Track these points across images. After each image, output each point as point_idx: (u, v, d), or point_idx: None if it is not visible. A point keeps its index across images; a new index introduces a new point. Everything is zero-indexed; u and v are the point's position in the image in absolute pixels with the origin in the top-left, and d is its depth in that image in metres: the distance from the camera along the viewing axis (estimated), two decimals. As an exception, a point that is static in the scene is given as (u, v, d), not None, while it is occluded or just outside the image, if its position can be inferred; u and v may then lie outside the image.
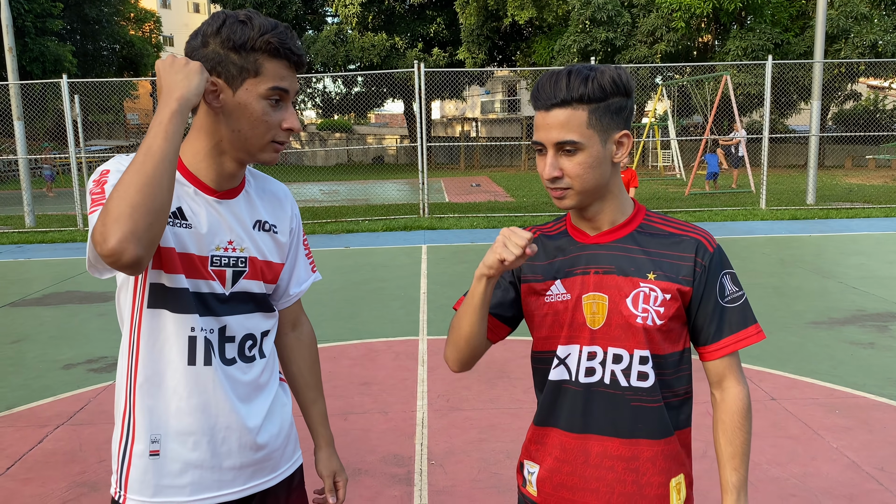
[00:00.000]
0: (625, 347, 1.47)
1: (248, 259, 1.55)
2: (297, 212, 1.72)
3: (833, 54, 25.02)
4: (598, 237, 1.52)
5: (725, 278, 1.50)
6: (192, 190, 1.50)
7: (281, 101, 1.45)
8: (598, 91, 1.40)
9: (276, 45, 1.40)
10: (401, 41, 34.17)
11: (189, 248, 1.47)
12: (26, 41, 29.45)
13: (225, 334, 1.53)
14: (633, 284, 1.47)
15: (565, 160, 1.43)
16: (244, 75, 1.41)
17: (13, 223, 14.84)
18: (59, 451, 4.01)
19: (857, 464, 3.63)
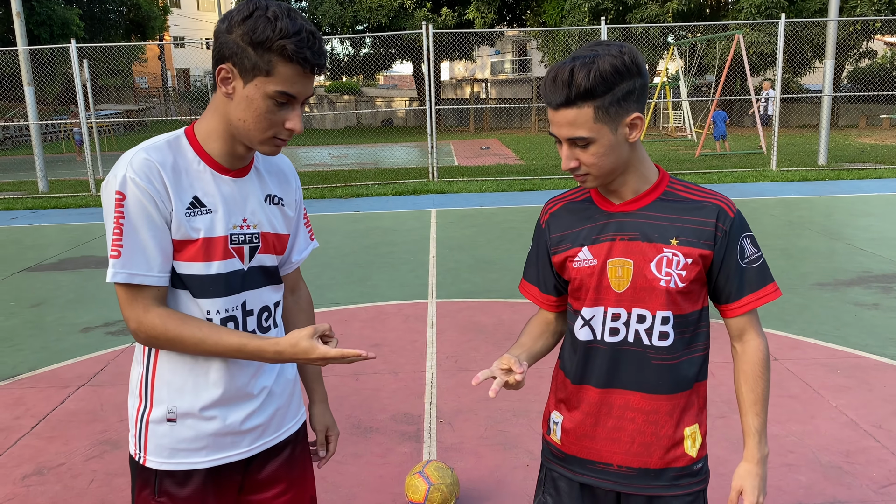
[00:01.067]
0: (648, 308, 1.58)
1: (261, 234, 1.62)
2: (299, 184, 1.81)
3: (849, 11, 24.54)
4: (623, 205, 1.60)
5: (745, 241, 1.58)
6: (207, 170, 1.56)
7: (287, 104, 1.48)
8: (601, 85, 1.44)
9: (290, 52, 1.42)
10: (409, 1, 33.73)
11: (213, 231, 1.54)
12: (33, 5, 29.30)
13: (245, 308, 1.61)
14: (656, 250, 1.56)
15: (579, 151, 1.51)
16: (256, 72, 1.44)
17: (27, 188, 14.98)
18: (82, 411, 4.16)
19: (855, 421, 3.72)
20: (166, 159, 1.51)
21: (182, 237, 1.51)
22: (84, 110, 13.89)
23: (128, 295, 1.50)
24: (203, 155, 1.56)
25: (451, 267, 7.27)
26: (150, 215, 1.47)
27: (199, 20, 51.97)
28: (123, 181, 1.47)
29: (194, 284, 1.55)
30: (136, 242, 1.47)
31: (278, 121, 1.48)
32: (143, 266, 1.48)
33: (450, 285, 6.59)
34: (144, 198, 1.46)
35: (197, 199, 1.53)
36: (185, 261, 1.53)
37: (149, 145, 1.53)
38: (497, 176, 14.63)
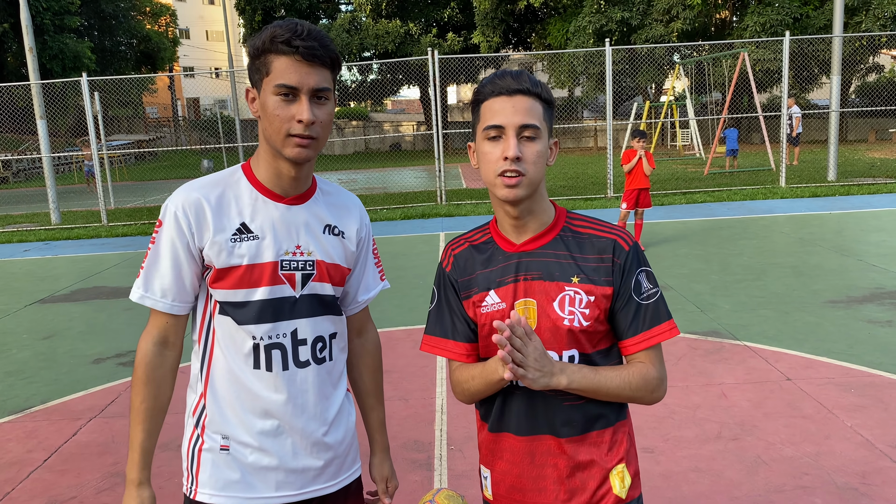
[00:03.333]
0: (554, 349, 1.52)
1: (316, 262, 1.62)
2: (368, 222, 1.79)
3: (854, 27, 24.58)
4: (524, 244, 1.57)
5: (641, 275, 1.54)
6: (259, 197, 1.60)
7: (293, 97, 1.49)
8: (547, 95, 1.52)
9: (278, 42, 1.46)
10: (415, 27, 34.05)
11: (259, 257, 1.57)
12: (45, 39, 29.81)
13: (297, 337, 1.61)
14: (558, 288, 1.52)
15: (524, 146, 1.48)
16: (261, 77, 1.51)
17: (39, 220, 15.13)
18: (93, 443, 4.16)
19: (870, 442, 3.67)
20: (214, 192, 1.58)
21: (224, 265, 1.55)
22: (95, 141, 14.06)
23: (150, 313, 1.62)
24: (255, 183, 1.61)
25: (460, 291, 7.27)
26: (175, 247, 1.56)
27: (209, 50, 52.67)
28: (165, 210, 1.58)
29: (237, 311, 1.57)
30: (156, 268, 1.58)
31: (287, 115, 1.49)
32: (156, 291, 1.58)
33: (459, 309, 6.58)
34: (176, 230, 1.55)
35: (244, 226, 1.57)
36: (228, 288, 1.56)
37: (201, 181, 1.61)
38: (505, 198, 14.62)
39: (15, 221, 15.22)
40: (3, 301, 7.99)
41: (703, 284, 7.08)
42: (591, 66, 26.65)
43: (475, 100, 1.54)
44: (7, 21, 29.90)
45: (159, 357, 1.60)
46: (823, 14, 25.22)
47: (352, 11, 35.81)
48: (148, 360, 1.59)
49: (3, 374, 5.50)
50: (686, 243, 9.27)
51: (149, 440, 1.59)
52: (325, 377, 1.66)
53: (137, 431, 1.58)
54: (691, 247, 9.01)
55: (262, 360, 1.59)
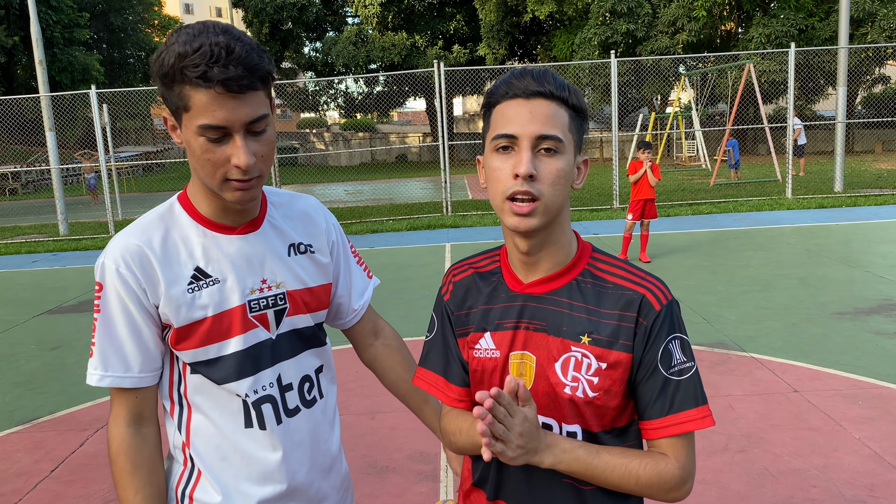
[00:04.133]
0: (553, 417, 1.25)
1: (287, 294, 1.42)
2: (334, 221, 1.58)
3: (859, 38, 24.61)
4: (532, 285, 1.28)
5: (673, 343, 1.22)
6: (207, 234, 1.37)
7: (225, 137, 1.23)
8: (576, 100, 1.21)
9: (192, 76, 1.17)
10: (421, 39, 34.25)
11: (225, 303, 1.36)
12: (55, 52, 30.09)
13: (282, 383, 1.42)
14: (563, 347, 1.23)
15: (542, 161, 1.18)
16: (179, 111, 1.23)
17: (48, 231, 15.22)
18: (101, 454, 4.17)
19: (878, 454, 3.66)
20: (154, 237, 1.34)
21: (186, 321, 1.33)
22: (104, 153, 14.15)
23: (111, 393, 1.38)
24: (199, 218, 1.37)
25: (466, 302, 7.27)
26: (128, 309, 1.32)
27: (216, 62, 52.97)
28: (103, 270, 1.33)
29: (213, 371, 1.37)
30: (112, 340, 1.33)
31: (220, 160, 1.24)
32: (119, 367, 1.34)
33: (465, 321, 6.58)
34: (123, 289, 1.31)
35: (200, 271, 1.35)
36: (195, 347, 1.35)
37: (136, 225, 1.37)
38: (511, 209, 14.63)
39: (24, 232, 15.31)
40: (12, 312, 8.03)
41: (710, 296, 7.07)
42: (597, 77, 26.73)
43: (486, 102, 1.24)
44: (17, 34, 30.20)
45: (138, 438, 1.36)
46: (829, 25, 25.27)
47: (358, 24, 36.05)
48: (127, 446, 1.35)
49: (12, 385, 5.53)
50: (692, 254, 9.26)
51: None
52: (319, 419, 1.49)
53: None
54: (698, 258, 9.01)
55: (253, 417, 1.39)
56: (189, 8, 60.33)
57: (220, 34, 1.19)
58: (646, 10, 26.70)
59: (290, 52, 37.76)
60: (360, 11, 34.11)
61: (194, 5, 61.33)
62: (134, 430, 1.37)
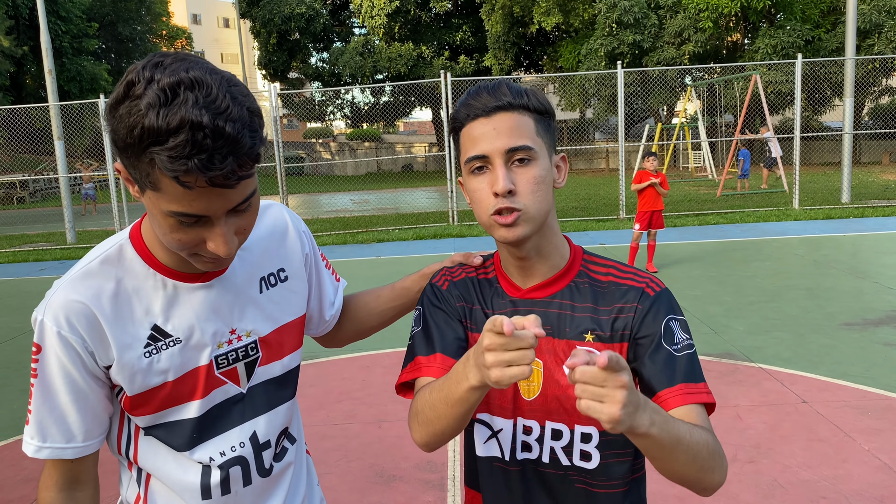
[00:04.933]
0: (564, 422, 1.25)
1: (258, 342, 1.25)
2: (304, 228, 1.40)
3: (866, 49, 24.62)
4: (531, 291, 1.28)
5: (674, 323, 1.24)
6: (167, 283, 1.17)
7: (200, 221, 1.03)
8: (538, 103, 1.22)
9: (167, 168, 0.93)
10: (427, 50, 34.41)
11: (187, 365, 1.18)
12: (64, 61, 30.32)
13: (258, 441, 1.26)
14: (569, 348, 1.24)
15: (517, 173, 1.18)
16: (143, 184, 1.00)
17: (55, 240, 15.28)
18: (107, 461, 4.16)
19: (888, 465, 3.63)
20: (103, 291, 1.14)
21: (141, 388, 1.15)
22: (112, 162, 14.23)
23: (44, 469, 1.22)
24: (155, 265, 1.17)
25: (472, 311, 7.27)
26: (70, 376, 1.13)
27: (224, 72, 53.25)
28: (42, 329, 1.12)
29: (171, 436, 1.20)
30: (52, 409, 1.15)
31: (192, 241, 1.05)
32: (59, 437, 1.16)
33: (472, 330, 6.57)
34: (65, 354, 1.12)
35: (158, 330, 1.16)
36: (151, 413, 1.18)
37: (80, 274, 1.14)
38: (517, 219, 14.65)
39: (31, 241, 15.38)
40: (20, 319, 8.06)
41: (717, 306, 7.05)
42: (603, 88, 26.78)
43: (452, 127, 1.26)
44: (27, 44, 30.45)
45: (71, 502, 1.21)
46: (836, 37, 25.30)
47: (365, 34, 36.24)
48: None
49: (19, 392, 5.54)
50: (699, 265, 9.24)
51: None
52: (291, 470, 1.36)
53: None
54: (705, 268, 8.98)
55: (214, 486, 1.23)
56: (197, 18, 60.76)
57: (203, 107, 0.93)
58: (652, 20, 26.77)
59: (297, 63, 37.96)
60: (366, 22, 34.31)
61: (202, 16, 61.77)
62: (66, 494, 1.21)
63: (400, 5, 33.39)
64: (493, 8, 30.91)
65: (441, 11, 36.30)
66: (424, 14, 36.63)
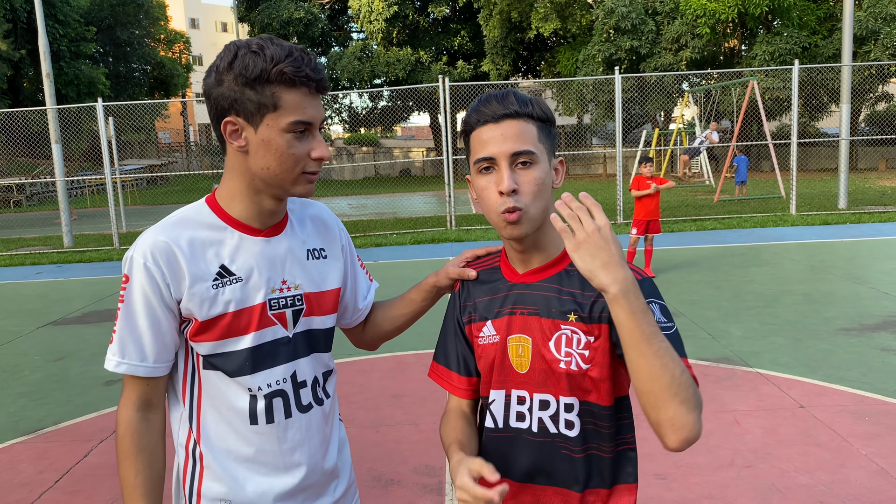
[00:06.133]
0: (550, 393, 1.39)
1: (304, 295, 1.50)
2: (343, 227, 1.68)
3: (863, 56, 24.70)
4: (526, 275, 1.44)
5: (653, 305, 1.31)
6: (235, 235, 1.44)
7: (306, 132, 1.37)
8: (540, 112, 1.37)
9: (291, 75, 1.32)
10: (425, 55, 34.46)
11: (246, 301, 1.43)
12: (61, 65, 30.30)
13: (297, 380, 1.49)
14: (554, 326, 1.37)
15: (520, 174, 1.34)
16: (263, 111, 1.33)
17: (52, 243, 15.25)
18: (104, 465, 4.17)
19: (886, 470, 3.64)
20: (182, 235, 1.40)
21: (208, 315, 1.40)
22: (109, 165, 14.22)
23: (124, 379, 1.45)
24: (228, 219, 1.45)
25: (470, 316, 7.27)
26: (150, 302, 1.38)
27: (222, 77, 53.20)
28: (130, 263, 1.39)
29: (228, 363, 1.43)
30: (132, 330, 1.40)
31: (302, 154, 1.37)
32: (135, 355, 1.40)
33: (469, 334, 6.57)
34: (148, 283, 1.37)
35: (224, 269, 1.42)
36: (213, 340, 1.42)
37: (164, 222, 1.43)
38: (515, 224, 14.66)
39: (28, 244, 15.35)
40: (16, 323, 8.04)
41: (715, 311, 7.06)
42: (601, 93, 26.84)
43: (463, 130, 1.42)
44: (24, 47, 30.44)
45: (145, 423, 1.44)
46: (832, 43, 25.38)
47: (363, 39, 36.27)
48: (134, 429, 1.42)
49: (16, 396, 5.53)
50: (697, 270, 9.25)
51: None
52: (326, 417, 1.56)
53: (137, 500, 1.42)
54: (702, 273, 9.00)
55: (260, 413, 1.45)
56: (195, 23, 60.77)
57: (292, 45, 1.36)
58: (650, 27, 26.84)
59: (295, 67, 37.87)
60: (365, 27, 34.35)
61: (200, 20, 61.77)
62: (142, 415, 1.44)
63: (398, 10, 33.44)
64: (491, 13, 30.95)
65: (439, 16, 36.37)
66: (423, 19, 36.69)
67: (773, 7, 24.68)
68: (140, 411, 1.44)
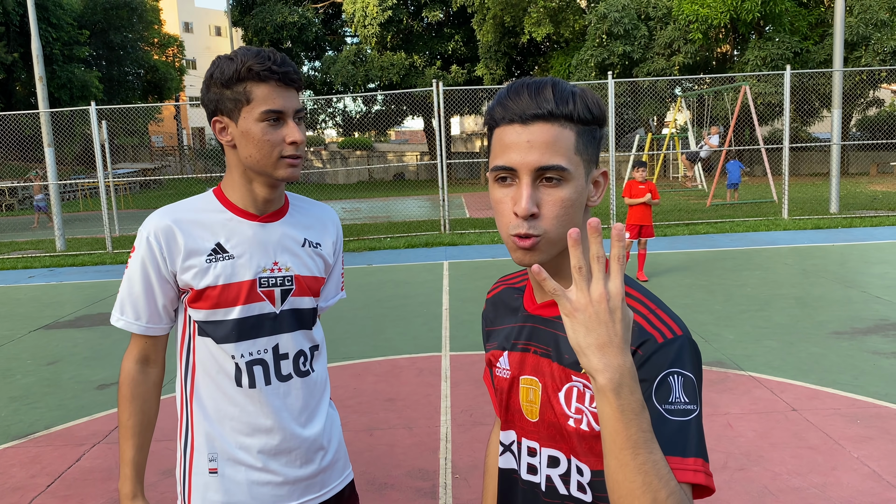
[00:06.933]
0: (561, 450, 1.16)
1: (294, 277, 1.67)
2: (341, 233, 1.85)
3: (854, 61, 24.85)
4: (543, 307, 1.20)
5: (673, 378, 1.03)
6: (233, 217, 1.64)
7: (279, 121, 1.54)
8: (585, 112, 1.08)
9: (257, 71, 1.51)
10: (419, 59, 34.47)
11: (235, 276, 1.61)
12: (54, 68, 30.18)
13: (279, 352, 1.65)
14: (565, 376, 1.13)
15: (544, 192, 1.07)
16: (239, 106, 1.54)
17: (44, 247, 15.19)
18: (97, 469, 4.15)
19: (877, 473, 3.65)
20: (186, 216, 1.62)
21: (202, 285, 1.59)
22: (102, 169, 14.17)
23: (131, 337, 1.69)
24: (229, 205, 1.65)
25: (464, 319, 7.27)
26: (147, 272, 1.61)
27: (215, 80, 53.12)
28: (139, 236, 1.62)
29: (216, 330, 1.61)
30: (130, 293, 1.64)
31: (277, 139, 1.54)
32: (131, 314, 1.64)
33: (463, 338, 6.58)
34: (148, 256, 1.60)
35: (219, 246, 1.61)
36: (206, 308, 1.60)
37: (175, 205, 1.65)
38: (509, 228, 14.67)
39: (20, 248, 15.28)
40: (8, 327, 8.01)
41: (707, 315, 7.09)
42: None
43: (486, 123, 1.14)
44: (17, 51, 30.33)
45: (142, 374, 1.67)
46: (823, 49, 25.52)
47: (357, 44, 36.28)
48: (131, 378, 1.66)
49: (8, 400, 5.50)
50: (689, 274, 9.28)
51: (139, 454, 1.65)
52: (310, 389, 1.71)
53: (128, 447, 1.65)
54: (695, 277, 9.03)
55: (244, 377, 1.63)
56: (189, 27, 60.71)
57: (270, 49, 1.55)
58: (642, 32, 26.94)
59: (288, 71, 37.82)
60: (359, 31, 34.35)
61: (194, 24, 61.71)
62: (140, 367, 1.67)
63: (393, 15, 33.46)
64: (485, 18, 31.00)
65: (433, 21, 36.42)
66: (417, 24, 36.72)
67: (764, 13, 24.81)
68: (139, 364, 1.67)
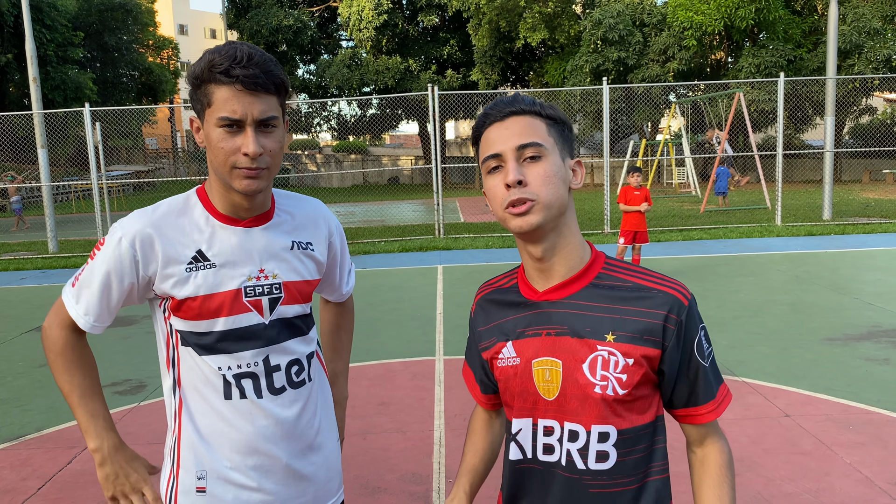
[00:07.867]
0: (581, 423, 1.28)
1: (283, 284, 1.55)
2: (336, 224, 1.75)
3: (847, 69, 25.00)
4: (548, 292, 1.32)
5: (702, 334, 1.31)
6: (216, 224, 1.52)
7: (237, 128, 1.40)
8: (550, 110, 1.31)
9: (217, 73, 1.37)
10: (415, 63, 34.53)
11: (218, 286, 1.49)
12: (48, 70, 30.11)
13: (270, 363, 1.54)
14: (589, 348, 1.27)
15: (528, 168, 1.25)
16: (204, 108, 1.42)
17: (37, 249, 15.12)
18: (88, 472, 4.12)
19: (870, 479, 3.66)
20: (166, 221, 1.51)
21: (183, 295, 1.48)
22: (95, 171, 14.13)
23: (62, 308, 1.57)
24: (211, 209, 1.53)
25: (458, 323, 7.27)
26: (108, 277, 1.50)
27: (210, 83, 53.14)
28: (112, 233, 1.52)
29: (200, 342, 1.51)
30: (87, 286, 1.53)
31: (232, 148, 1.41)
32: (82, 308, 1.54)
33: (457, 342, 6.58)
34: (114, 261, 1.49)
35: (200, 254, 1.50)
36: (188, 319, 1.50)
37: (154, 206, 1.54)
38: (503, 232, 14.72)
39: (12, 250, 15.21)
40: (0, 328, 7.97)
41: (701, 320, 7.10)
42: (588, 104, 27.00)
43: (474, 136, 1.35)
44: (11, 52, 30.24)
45: (80, 341, 1.58)
46: (817, 56, 25.67)
47: (353, 47, 36.31)
48: (70, 343, 1.56)
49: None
50: (683, 279, 9.30)
51: (105, 408, 1.56)
52: (305, 400, 1.61)
53: (96, 403, 1.55)
54: (688, 283, 9.05)
55: (233, 391, 1.52)
56: (184, 29, 60.66)
57: (247, 46, 1.41)
58: (637, 38, 27.06)
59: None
60: (354, 35, 34.39)
61: (189, 26, 61.67)
62: (76, 335, 1.57)
63: (388, 19, 33.52)
64: (480, 23, 31.08)
65: (429, 25, 36.50)
66: (412, 28, 36.80)
67: (758, 20, 24.95)
68: (74, 332, 1.57)
